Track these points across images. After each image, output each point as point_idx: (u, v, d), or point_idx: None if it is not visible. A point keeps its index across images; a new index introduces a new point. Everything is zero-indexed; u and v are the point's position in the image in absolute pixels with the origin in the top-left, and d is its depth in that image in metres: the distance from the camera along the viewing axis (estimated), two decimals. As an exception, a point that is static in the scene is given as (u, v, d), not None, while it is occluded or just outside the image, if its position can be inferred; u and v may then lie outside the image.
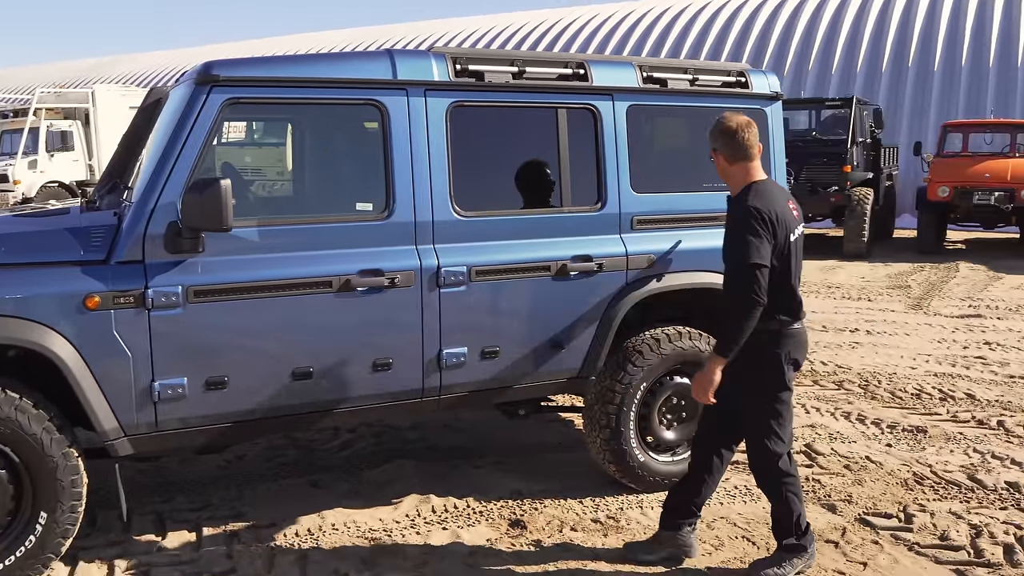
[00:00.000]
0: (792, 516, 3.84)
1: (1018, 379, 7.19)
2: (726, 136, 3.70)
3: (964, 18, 22.12)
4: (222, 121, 3.74)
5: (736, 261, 3.55)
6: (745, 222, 3.54)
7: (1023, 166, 15.13)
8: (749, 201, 3.60)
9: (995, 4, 22.08)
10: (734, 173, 3.73)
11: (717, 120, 3.77)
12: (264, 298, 3.78)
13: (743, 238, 3.52)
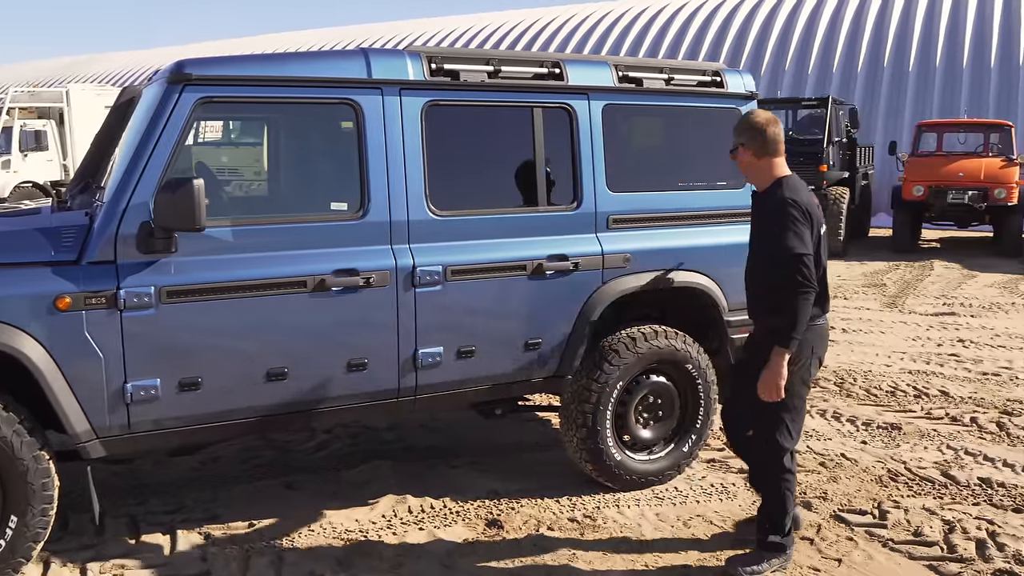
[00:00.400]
0: (783, 514, 3.87)
1: (991, 376, 7.26)
2: (755, 131, 3.76)
3: (938, 19, 22.31)
4: (195, 120, 3.71)
5: (780, 253, 3.58)
6: (785, 213, 3.61)
7: (996, 165, 15.30)
8: (784, 194, 3.67)
9: (968, 5, 22.28)
10: (762, 168, 3.79)
11: (744, 116, 3.85)
12: (238, 298, 3.75)
13: (785, 230, 3.58)
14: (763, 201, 3.80)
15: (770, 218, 3.68)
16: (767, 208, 3.72)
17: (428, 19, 36.12)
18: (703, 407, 4.81)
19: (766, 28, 24.43)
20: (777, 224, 3.61)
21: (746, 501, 4.66)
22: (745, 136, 3.78)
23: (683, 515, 4.48)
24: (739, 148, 3.82)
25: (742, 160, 3.83)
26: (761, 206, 3.81)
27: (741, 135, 3.80)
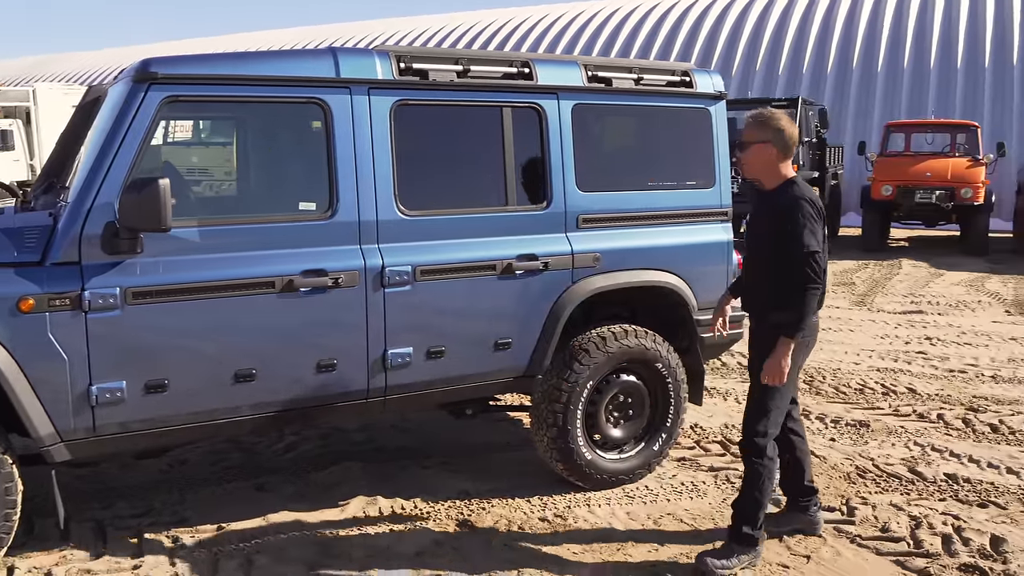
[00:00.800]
0: (760, 505, 3.91)
1: (957, 373, 7.34)
2: (782, 132, 3.83)
3: (906, 21, 22.56)
4: (160, 119, 3.67)
5: (796, 250, 3.67)
6: (801, 211, 3.70)
7: (962, 165, 15.48)
8: (799, 192, 3.77)
9: (935, 8, 22.54)
10: (778, 168, 3.86)
11: (769, 114, 3.89)
12: (205, 299, 3.72)
13: (802, 227, 3.67)
14: (771, 199, 3.86)
15: (783, 215, 3.74)
16: (778, 206, 3.79)
17: (398, 18, 36.03)
18: (673, 406, 4.83)
19: (737, 29, 24.59)
20: (792, 222, 3.69)
21: (716, 499, 4.69)
22: (773, 135, 3.83)
23: (654, 513, 4.50)
24: (759, 145, 3.84)
25: (763, 157, 3.85)
26: (768, 203, 3.87)
27: (767, 133, 3.83)
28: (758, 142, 3.85)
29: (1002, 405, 6.40)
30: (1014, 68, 20.75)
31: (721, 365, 7.50)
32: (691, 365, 4.93)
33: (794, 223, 3.68)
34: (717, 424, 5.92)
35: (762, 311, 3.94)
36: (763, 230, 3.90)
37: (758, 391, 3.92)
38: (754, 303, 4.01)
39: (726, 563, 3.87)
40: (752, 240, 4.01)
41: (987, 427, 5.89)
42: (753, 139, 3.87)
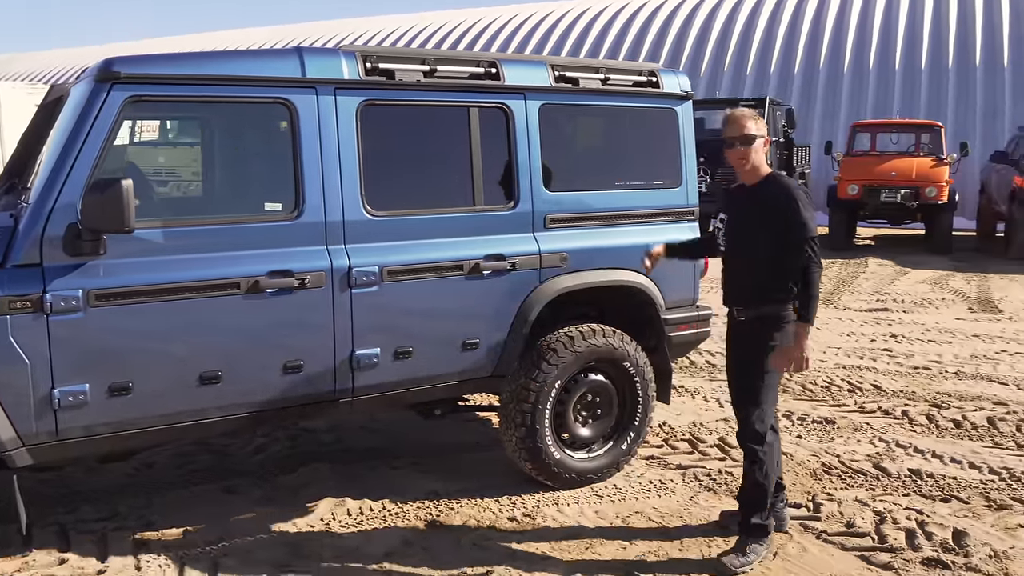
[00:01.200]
0: (767, 493, 4.00)
1: (922, 370, 7.44)
2: (765, 129, 3.96)
3: (871, 22, 22.81)
4: (123, 119, 3.63)
5: (800, 236, 3.77)
6: (799, 199, 3.81)
7: (927, 165, 15.66)
8: (790, 183, 3.91)
9: (900, 9, 22.81)
10: (763, 161, 3.97)
11: (750, 113, 3.99)
12: (169, 301, 3.69)
13: (801, 214, 3.78)
14: (757, 192, 3.95)
15: (781, 205, 3.83)
16: (771, 197, 3.87)
17: (365, 18, 35.83)
18: (641, 404, 4.85)
19: (705, 30, 24.75)
20: (792, 210, 3.79)
21: (684, 497, 4.72)
22: (764, 130, 3.96)
23: (622, 512, 4.52)
24: (762, 139, 3.94)
25: (760, 152, 3.95)
26: (756, 197, 3.95)
27: (761, 128, 3.95)
28: (759, 136, 3.95)
29: (965, 401, 6.49)
30: (976, 69, 21.05)
31: (689, 363, 7.55)
32: (659, 364, 4.96)
33: (795, 211, 3.78)
34: (685, 422, 5.96)
35: (747, 304, 3.99)
36: (751, 223, 3.96)
37: (748, 384, 3.98)
38: (738, 297, 4.06)
39: (744, 559, 3.93)
40: (735, 235, 4.06)
41: (950, 423, 5.97)
42: (757, 133, 3.95)
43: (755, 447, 3.98)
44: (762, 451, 3.98)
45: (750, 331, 3.97)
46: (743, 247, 4.02)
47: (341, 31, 32.73)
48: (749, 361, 3.99)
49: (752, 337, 3.95)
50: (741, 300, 4.04)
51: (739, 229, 4.05)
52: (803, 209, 3.79)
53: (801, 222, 3.77)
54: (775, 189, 3.90)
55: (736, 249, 4.07)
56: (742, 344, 4.04)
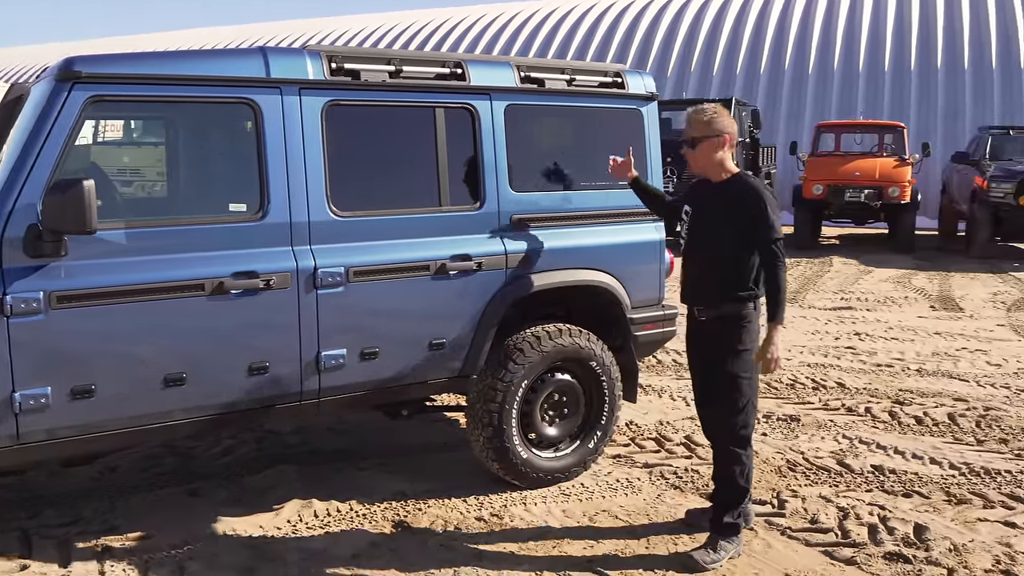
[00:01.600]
0: (745, 493, 4.05)
1: (884, 367, 7.54)
2: (732, 127, 3.99)
3: (836, 23, 23.07)
4: (85, 119, 3.59)
5: (767, 237, 3.81)
6: (765, 200, 3.85)
7: (890, 165, 15.87)
8: (756, 184, 3.95)
9: (863, 11, 23.08)
10: (726, 162, 4.01)
11: (713, 110, 4.03)
12: (132, 303, 3.65)
13: (768, 215, 3.82)
14: (722, 192, 3.98)
15: (745, 205, 3.86)
16: (736, 197, 3.91)
17: (330, 18, 35.62)
18: (608, 404, 4.87)
19: (672, 30, 24.89)
20: (758, 210, 3.82)
21: (651, 496, 4.75)
22: (729, 129, 3.98)
23: (589, 511, 4.54)
24: (709, 141, 3.96)
25: (712, 153, 3.97)
26: (720, 196, 3.97)
27: (714, 129, 3.97)
28: (708, 137, 3.97)
29: (926, 398, 6.59)
30: (938, 71, 21.35)
31: (656, 362, 7.59)
32: (625, 363, 4.98)
33: (760, 211, 3.82)
34: (652, 421, 5.99)
35: (708, 303, 4.01)
36: (715, 220, 3.97)
37: (721, 387, 3.98)
38: (700, 295, 4.07)
39: (715, 556, 3.96)
40: (698, 231, 4.07)
41: (912, 419, 6.06)
42: (703, 135, 3.98)
43: (739, 451, 4.01)
44: (746, 454, 4.02)
45: (712, 331, 3.99)
46: (705, 244, 4.03)
47: (307, 31, 32.54)
48: (715, 363, 4.00)
49: (714, 337, 3.97)
50: (702, 299, 4.06)
51: (702, 225, 4.07)
52: (771, 211, 3.82)
53: (769, 224, 3.80)
54: (742, 188, 3.93)
55: (698, 245, 4.08)
56: (705, 344, 4.05)
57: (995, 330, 9.21)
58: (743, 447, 4.02)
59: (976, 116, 20.24)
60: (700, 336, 4.10)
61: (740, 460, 4.02)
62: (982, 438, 5.69)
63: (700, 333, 4.10)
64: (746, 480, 4.05)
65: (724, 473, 4.07)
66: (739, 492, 4.05)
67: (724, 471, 4.07)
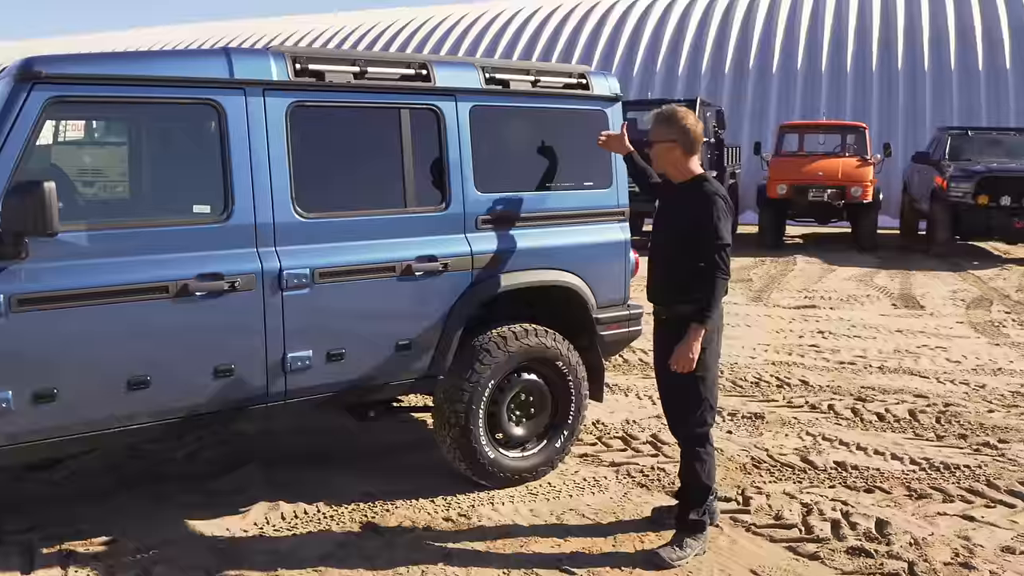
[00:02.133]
0: (707, 490, 4.08)
1: (847, 364, 7.64)
2: (686, 132, 3.98)
3: (799, 24, 23.28)
4: (45, 120, 3.55)
5: (711, 242, 3.82)
6: (716, 205, 3.87)
7: (852, 165, 16.07)
8: (712, 188, 3.95)
9: (826, 11, 23.33)
10: (685, 164, 4.02)
11: (673, 112, 4.03)
12: (95, 305, 3.62)
13: (718, 221, 3.84)
14: (683, 193, 4.01)
15: (698, 209, 3.89)
16: (692, 200, 3.93)
17: (295, 17, 35.33)
18: (574, 403, 4.90)
19: (637, 31, 24.99)
20: (707, 215, 3.85)
21: (617, 494, 4.78)
22: (679, 135, 3.98)
23: (556, 510, 4.56)
24: (666, 144, 3.99)
25: (670, 155, 4.01)
26: (681, 197, 4.01)
27: (675, 131, 3.98)
28: (664, 141, 4.00)
29: (888, 394, 6.69)
30: (899, 72, 21.63)
31: (623, 362, 7.64)
32: (591, 362, 5.01)
33: (709, 216, 3.84)
34: (618, 420, 6.03)
35: (666, 303, 4.06)
36: (674, 223, 4.02)
37: (679, 385, 4.02)
38: (658, 295, 4.12)
39: (680, 553, 4.00)
40: (661, 232, 4.12)
41: (874, 416, 6.15)
42: (659, 138, 4.01)
43: (698, 449, 4.05)
44: (706, 452, 4.07)
45: (672, 331, 4.01)
46: (665, 243, 4.07)
47: (272, 31, 32.22)
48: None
49: (675, 338, 3.98)
50: (661, 298, 4.11)
51: (664, 225, 4.13)
52: (718, 218, 3.84)
53: (713, 230, 3.83)
54: (697, 194, 3.95)
55: (660, 244, 4.12)
56: (666, 344, 4.07)
57: (955, 327, 9.37)
58: (702, 444, 4.06)
59: (936, 116, 20.54)
60: (662, 336, 4.13)
61: (700, 457, 4.06)
62: (942, 434, 5.79)
63: (662, 333, 4.14)
64: (708, 477, 4.09)
65: (686, 471, 4.12)
66: (702, 489, 4.09)
67: (686, 469, 4.12)
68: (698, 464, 4.06)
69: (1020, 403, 6.50)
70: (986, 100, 20.79)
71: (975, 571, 3.93)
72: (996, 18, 21.92)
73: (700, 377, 4.00)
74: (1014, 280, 12.69)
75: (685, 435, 4.09)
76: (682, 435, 4.11)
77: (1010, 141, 16.05)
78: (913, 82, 21.45)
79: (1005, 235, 14.53)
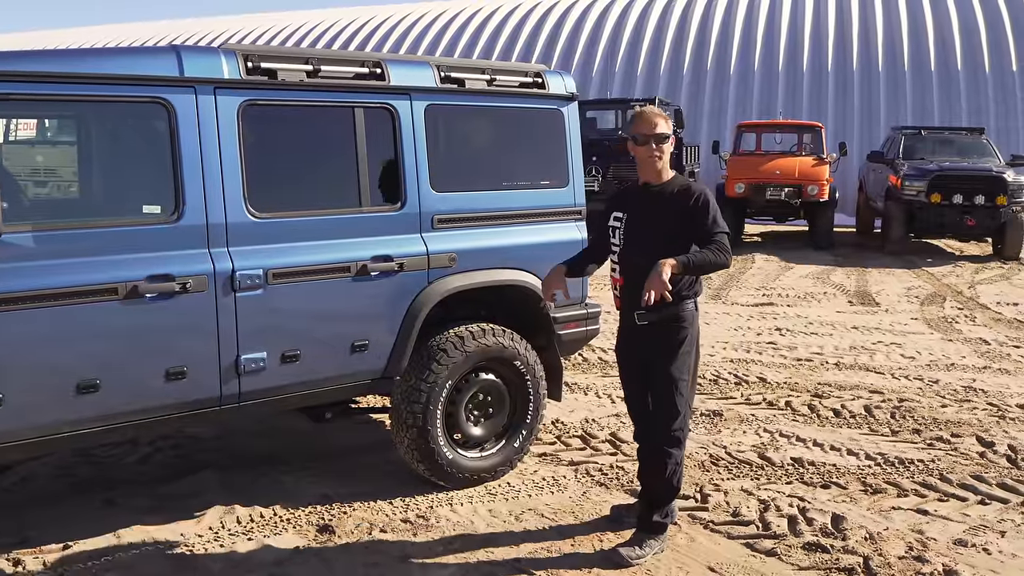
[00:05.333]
0: (676, 493, 4.10)
1: (804, 361, 7.71)
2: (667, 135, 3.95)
3: (756, 24, 23.51)
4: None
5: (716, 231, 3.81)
6: (710, 197, 3.90)
7: (808, 164, 16.23)
8: (699, 185, 3.98)
9: (783, 11, 23.57)
10: (668, 164, 3.99)
11: (659, 113, 3.98)
12: (42, 308, 3.54)
13: (715, 211, 3.85)
14: (661, 194, 3.97)
15: (692, 203, 3.86)
16: (676, 199, 3.91)
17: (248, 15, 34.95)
18: (532, 403, 4.89)
19: (597, 30, 25.09)
20: (706, 207, 3.85)
21: (576, 493, 4.78)
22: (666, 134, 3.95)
23: (515, 510, 4.55)
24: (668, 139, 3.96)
25: (659, 154, 3.94)
26: (659, 198, 3.97)
27: (670, 128, 3.98)
28: (670, 135, 3.99)
29: (844, 391, 6.76)
30: (854, 72, 21.92)
31: (581, 360, 7.64)
32: (549, 362, 5.01)
33: (708, 208, 3.85)
34: (578, 419, 6.03)
35: (653, 307, 3.84)
36: (655, 223, 3.93)
37: (663, 391, 3.97)
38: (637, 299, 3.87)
39: (640, 552, 3.99)
40: (635, 237, 4.00)
41: (830, 412, 6.21)
42: (668, 131, 3.97)
43: (672, 451, 4.00)
44: (679, 455, 4.04)
45: (651, 335, 3.96)
46: (644, 247, 3.92)
47: (224, 28, 31.82)
48: (655, 366, 3.98)
49: (654, 340, 3.95)
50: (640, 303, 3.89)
51: (640, 229, 4.00)
52: (716, 209, 3.87)
53: (712, 221, 3.83)
54: (685, 190, 3.93)
55: (635, 249, 3.99)
56: (644, 349, 4.01)
57: (909, 324, 9.50)
58: (677, 447, 4.02)
59: (890, 116, 20.83)
60: (638, 340, 4.04)
61: (674, 460, 4.02)
62: (896, 429, 5.86)
63: (637, 338, 4.03)
64: (678, 480, 4.07)
65: (656, 473, 4.04)
66: (670, 492, 4.08)
67: (656, 471, 4.04)
68: (671, 467, 4.00)
69: (972, 398, 6.59)
70: (938, 100, 21.14)
71: (928, 564, 3.98)
72: (948, 19, 22.28)
73: (684, 380, 3.97)
74: (967, 277, 12.90)
75: (661, 437, 4.01)
76: (657, 437, 4.03)
77: (962, 141, 16.32)
78: (868, 82, 21.75)
79: (958, 232, 14.79)
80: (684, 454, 4.13)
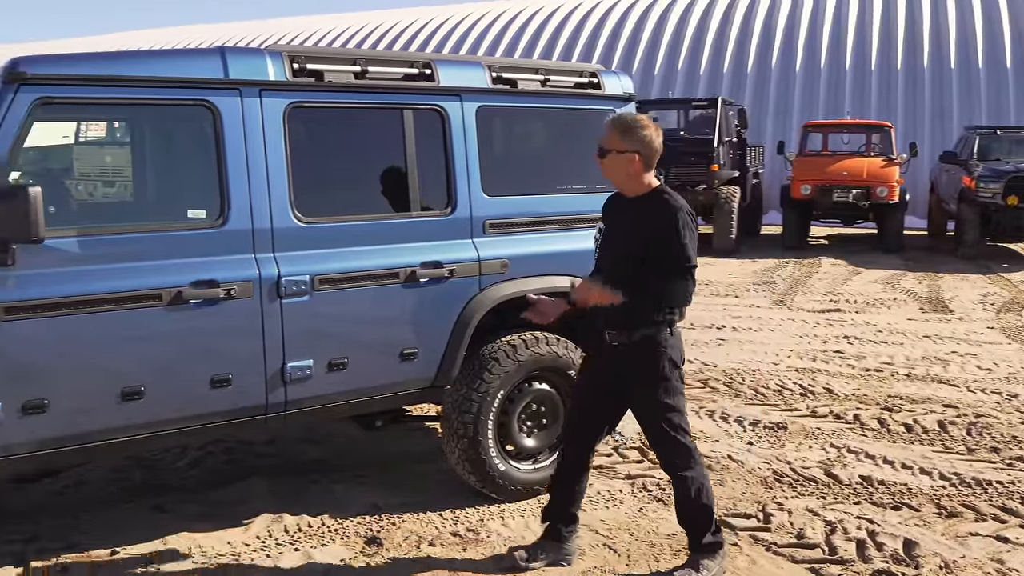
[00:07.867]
0: (710, 510, 3.83)
1: (873, 372, 7.41)
2: (649, 145, 3.64)
3: (822, 23, 22.98)
4: (32, 122, 3.43)
5: (680, 261, 3.53)
6: (682, 222, 3.53)
7: (877, 165, 15.82)
8: (676, 203, 3.60)
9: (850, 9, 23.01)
10: (644, 178, 3.68)
11: (632, 120, 3.67)
12: (86, 314, 3.50)
13: (684, 239, 3.52)
14: (638, 207, 3.68)
15: (661, 225, 3.56)
16: (653, 215, 3.61)
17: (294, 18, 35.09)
18: (587, 414, 4.72)
19: (658, 31, 24.77)
20: (674, 232, 3.52)
21: (632, 509, 4.61)
22: (641, 147, 3.62)
23: (567, 525, 4.39)
24: (624, 155, 3.62)
25: (626, 168, 3.64)
26: (636, 212, 3.69)
27: (635, 144, 3.61)
28: (624, 151, 3.63)
29: (916, 404, 6.46)
30: (924, 70, 21.28)
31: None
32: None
33: (677, 234, 3.52)
34: (633, 430, 5.79)
35: (620, 327, 3.67)
36: (625, 238, 3.69)
37: (649, 414, 3.78)
38: (610, 318, 3.69)
39: (696, 575, 3.79)
40: (610, 251, 3.80)
41: (901, 427, 5.93)
42: (615, 147, 3.64)
43: (684, 474, 3.78)
44: (694, 476, 3.79)
45: (625, 358, 3.70)
46: (616, 264, 3.71)
47: (270, 31, 31.82)
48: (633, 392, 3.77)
49: (630, 365, 3.70)
50: (613, 322, 3.68)
51: (614, 243, 3.77)
52: (684, 235, 3.52)
53: (681, 247, 3.52)
54: (657, 207, 3.61)
55: (611, 265, 3.75)
56: (618, 373, 3.76)
57: (985, 333, 9.10)
58: (688, 469, 3.77)
59: (963, 116, 20.18)
60: (610, 363, 3.78)
61: (692, 481, 3.78)
62: (973, 447, 5.56)
63: (610, 360, 3.78)
64: (708, 498, 3.81)
65: (682, 499, 3.84)
66: (704, 511, 3.82)
67: (680, 501, 3.85)
68: (695, 490, 3.78)
69: (1054, 413, 6.25)
70: (1015, 98, 20.40)
71: (1009, 596, 3.73)
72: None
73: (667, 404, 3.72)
74: (1045, 283, 12.39)
75: (667, 469, 3.84)
76: (665, 470, 3.87)
77: (1040, 140, 15.74)
78: (940, 80, 21.08)
79: (1035, 237, 14.26)
80: (701, 471, 3.82)
